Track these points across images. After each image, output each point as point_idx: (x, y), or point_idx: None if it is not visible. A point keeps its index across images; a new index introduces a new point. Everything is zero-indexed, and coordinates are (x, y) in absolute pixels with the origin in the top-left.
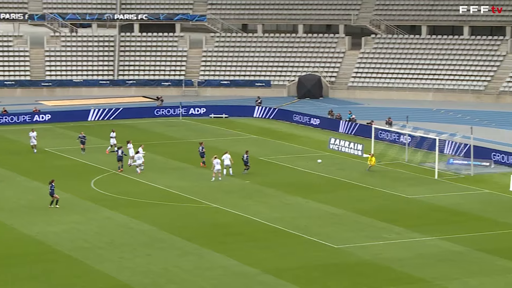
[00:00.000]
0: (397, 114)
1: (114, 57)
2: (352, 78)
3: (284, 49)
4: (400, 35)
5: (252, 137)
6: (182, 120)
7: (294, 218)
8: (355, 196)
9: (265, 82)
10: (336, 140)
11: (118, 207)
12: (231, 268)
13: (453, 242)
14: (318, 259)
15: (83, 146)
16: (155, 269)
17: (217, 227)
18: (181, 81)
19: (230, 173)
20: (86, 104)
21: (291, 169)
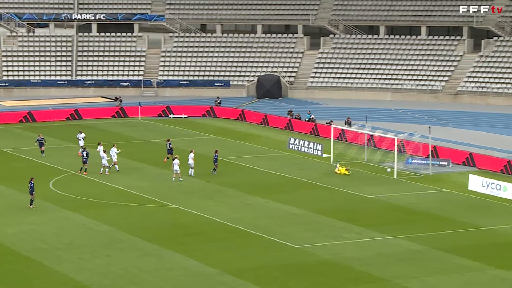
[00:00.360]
0: (356, 114)
1: (72, 57)
2: (311, 78)
3: (243, 49)
4: (358, 35)
5: (212, 137)
6: (141, 120)
7: (254, 218)
8: (315, 196)
9: (224, 82)
10: (295, 140)
11: (77, 208)
12: (191, 268)
13: (412, 241)
14: (278, 259)
15: (43, 148)
16: (115, 270)
17: (177, 227)
18: (140, 81)
19: (191, 173)
20: (44, 105)
21: (251, 169)
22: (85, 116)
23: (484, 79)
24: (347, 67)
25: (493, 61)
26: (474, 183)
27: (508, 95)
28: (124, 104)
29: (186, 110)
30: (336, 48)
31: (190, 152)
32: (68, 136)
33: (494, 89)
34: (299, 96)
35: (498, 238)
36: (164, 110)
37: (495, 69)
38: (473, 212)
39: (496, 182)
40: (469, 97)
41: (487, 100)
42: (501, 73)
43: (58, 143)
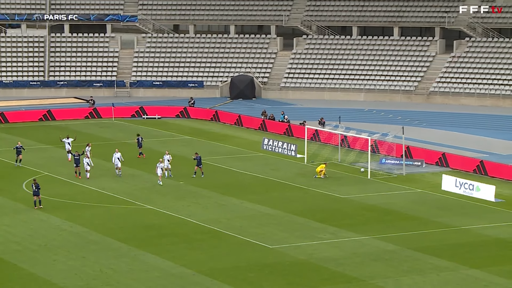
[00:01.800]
0: (330, 115)
1: (45, 58)
2: (284, 78)
3: (216, 50)
4: (331, 35)
5: (186, 138)
6: (115, 121)
7: (229, 219)
8: (289, 196)
9: (197, 82)
10: (269, 140)
11: (51, 210)
12: (166, 269)
13: (386, 241)
14: (253, 260)
15: (20, 156)
16: (90, 271)
17: (152, 228)
18: (113, 82)
19: (168, 174)
20: (16, 105)
21: (225, 170)
22: (58, 117)
23: (457, 79)
24: (320, 68)
25: (465, 62)
26: (448, 183)
27: (480, 95)
28: (97, 105)
29: (160, 111)
30: (309, 49)
31: (166, 154)
32: (41, 137)
33: (466, 89)
34: (272, 96)
35: (472, 238)
36: (137, 110)
37: (467, 70)
38: (446, 212)
39: (469, 182)
40: (442, 97)
41: (460, 101)
42: (473, 73)
43: (31, 144)
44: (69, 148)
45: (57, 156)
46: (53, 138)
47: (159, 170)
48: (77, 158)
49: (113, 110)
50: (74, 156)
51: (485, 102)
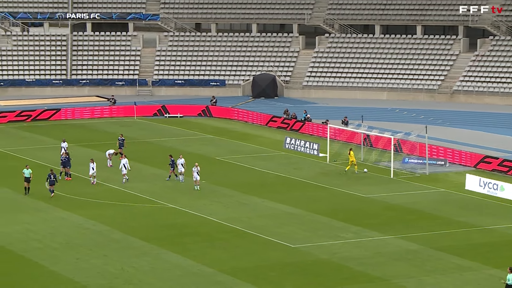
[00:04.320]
0: (352, 114)
1: (67, 57)
2: (306, 77)
3: (238, 49)
4: (353, 34)
5: (208, 136)
6: (137, 119)
7: (251, 218)
8: (311, 195)
9: (219, 81)
10: (292, 139)
11: (73, 208)
12: (188, 268)
13: (409, 240)
14: (275, 259)
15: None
16: (112, 270)
17: (174, 227)
18: (135, 81)
19: (180, 179)
20: (39, 104)
21: (247, 169)
22: (80, 115)
23: (480, 78)
24: (342, 66)
25: (489, 60)
26: (471, 183)
27: (504, 94)
28: (119, 104)
29: (182, 110)
30: (331, 48)
31: (179, 158)
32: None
33: (490, 88)
34: (294, 95)
35: (496, 237)
36: (159, 109)
37: (491, 69)
38: (470, 211)
39: (493, 182)
40: (465, 96)
41: (483, 100)
42: (497, 72)
43: (52, 142)
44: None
45: (79, 155)
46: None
47: (195, 174)
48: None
49: (135, 109)
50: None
51: (509, 101)
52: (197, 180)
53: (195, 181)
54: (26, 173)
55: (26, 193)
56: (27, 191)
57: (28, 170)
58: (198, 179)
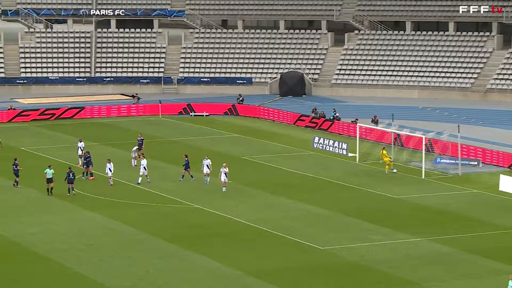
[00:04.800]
0: (382, 112)
1: (91, 54)
2: (335, 75)
3: (266, 46)
4: (384, 31)
5: (234, 136)
6: (162, 118)
7: (278, 219)
8: (340, 196)
9: (246, 79)
10: (320, 139)
11: (97, 208)
12: (214, 270)
13: (441, 243)
14: (303, 261)
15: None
16: (136, 271)
17: (199, 228)
18: (160, 79)
19: (205, 181)
20: (63, 102)
21: (274, 169)
22: (104, 114)
23: None
24: (372, 64)
25: None
26: (506, 184)
27: None
28: (144, 102)
29: (208, 108)
30: (361, 45)
31: (205, 159)
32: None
33: None
34: (323, 93)
35: None
36: (185, 108)
37: None
38: (504, 213)
39: None
40: (499, 94)
41: None
42: None
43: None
44: (81, 153)
45: (103, 154)
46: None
47: (223, 175)
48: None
49: (160, 107)
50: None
51: None
52: (225, 181)
53: (223, 183)
54: (48, 174)
55: (49, 194)
56: (50, 191)
57: (51, 170)
58: (226, 180)
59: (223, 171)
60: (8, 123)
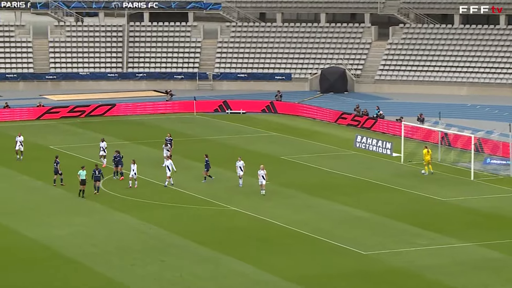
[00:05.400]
0: (429, 110)
1: (123, 48)
2: (379, 71)
3: (306, 40)
4: (430, 24)
5: (272, 134)
6: (196, 116)
7: (318, 221)
8: (384, 198)
9: (285, 75)
10: (363, 138)
11: (128, 210)
12: (251, 276)
13: (490, 248)
14: (344, 266)
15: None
16: (169, 276)
17: (235, 231)
18: (195, 74)
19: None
20: (93, 99)
21: (314, 169)
22: (137, 111)
23: None
24: (418, 59)
25: None
26: None
27: None
28: (178, 99)
29: (244, 105)
30: (406, 39)
31: (238, 160)
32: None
33: None
34: (366, 90)
35: None
36: (220, 105)
37: None
38: None
39: None
40: None
41: None
42: None
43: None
44: (103, 153)
45: (135, 153)
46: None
47: (261, 178)
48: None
49: (195, 104)
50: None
51: None
52: (263, 184)
53: (261, 185)
54: (82, 175)
55: (82, 196)
56: (82, 194)
57: (84, 172)
58: (264, 183)
59: (261, 174)
60: (37, 121)
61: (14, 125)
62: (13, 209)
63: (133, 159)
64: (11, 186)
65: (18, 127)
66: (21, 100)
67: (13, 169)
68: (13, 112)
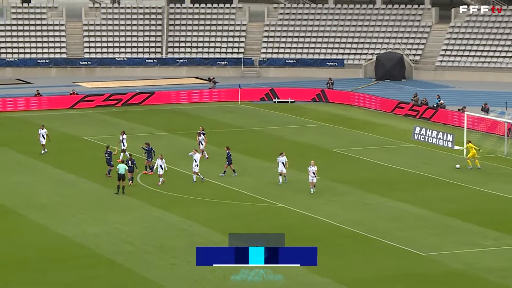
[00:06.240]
0: (494, 99)
1: (162, 32)
2: (440, 56)
3: (360, 23)
4: (497, 5)
5: (323, 125)
6: (241, 105)
7: (373, 220)
8: (444, 195)
9: (337, 61)
10: (422, 129)
11: (168, 206)
12: (299, 278)
13: None
14: (401, 269)
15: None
16: (212, 278)
17: (283, 230)
18: (240, 60)
19: (284, 180)
20: (130, 86)
21: (369, 163)
22: (177, 99)
23: None
24: (483, 44)
25: None
26: None
27: None
28: (221, 86)
29: (293, 94)
30: (469, 21)
31: (281, 155)
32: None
33: None
34: (425, 77)
35: None
36: (267, 93)
37: None
38: None
39: None
40: None
41: None
42: None
43: (146, 130)
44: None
45: (176, 144)
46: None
47: (311, 175)
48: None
49: (239, 93)
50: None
51: None
52: (314, 182)
53: (311, 183)
54: (120, 169)
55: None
56: (122, 190)
57: (123, 165)
58: (315, 181)
59: (312, 170)
60: (70, 110)
61: (45, 115)
62: (43, 204)
63: (160, 154)
64: (41, 180)
65: (49, 117)
66: (53, 87)
67: (43, 162)
68: (45, 101)
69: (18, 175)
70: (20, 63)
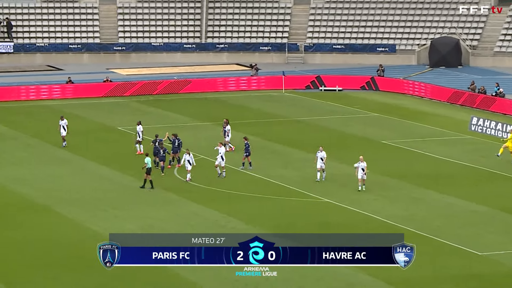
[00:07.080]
0: None
1: (202, 16)
2: (499, 41)
3: (413, 6)
4: None
5: (372, 115)
6: (285, 93)
7: (425, 217)
8: (503, 190)
9: (388, 46)
10: (479, 120)
11: (206, 201)
12: (347, 278)
13: None
14: (456, 269)
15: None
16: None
17: (329, 226)
18: (284, 46)
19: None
20: (167, 73)
21: (421, 156)
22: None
23: None
24: None
25: None
26: None
27: None
28: (264, 73)
29: (341, 81)
30: None
31: (319, 150)
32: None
33: None
34: (483, 64)
35: None
36: (313, 81)
37: None
38: None
39: None
40: None
41: None
42: None
43: (183, 120)
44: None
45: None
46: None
47: (360, 171)
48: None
49: (284, 80)
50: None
51: None
52: (364, 179)
53: (360, 180)
54: (149, 163)
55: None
56: (150, 185)
57: (149, 159)
58: (365, 178)
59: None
60: (103, 98)
61: (78, 103)
62: (76, 199)
63: (187, 149)
64: (73, 173)
65: (82, 105)
66: (85, 74)
67: (75, 153)
68: (77, 88)
69: (50, 167)
70: (50, 48)
